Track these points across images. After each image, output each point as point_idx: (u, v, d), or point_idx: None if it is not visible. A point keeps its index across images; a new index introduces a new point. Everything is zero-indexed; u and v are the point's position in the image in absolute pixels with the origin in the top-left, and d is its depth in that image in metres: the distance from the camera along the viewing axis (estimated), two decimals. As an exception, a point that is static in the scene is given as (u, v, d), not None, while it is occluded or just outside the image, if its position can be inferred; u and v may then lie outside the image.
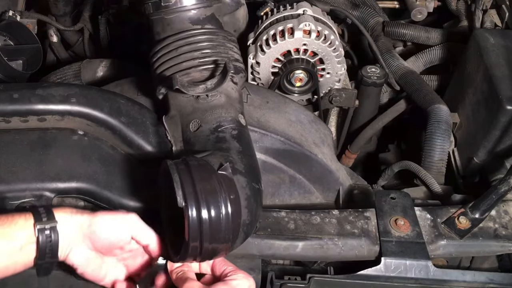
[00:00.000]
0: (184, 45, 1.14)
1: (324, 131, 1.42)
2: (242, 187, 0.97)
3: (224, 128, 1.06)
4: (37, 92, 1.12)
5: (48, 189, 1.09)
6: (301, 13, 1.50)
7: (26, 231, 0.91)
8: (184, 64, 1.13)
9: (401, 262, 1.10)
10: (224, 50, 1.16)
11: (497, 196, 1.14)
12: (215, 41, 1.16)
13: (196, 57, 1.13)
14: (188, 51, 1.14)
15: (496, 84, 1.32)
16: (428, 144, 1.44)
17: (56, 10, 1.87)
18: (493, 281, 1.14)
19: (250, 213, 0.97)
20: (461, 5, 1.83)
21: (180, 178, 0.90)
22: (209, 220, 0.90)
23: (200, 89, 1.09)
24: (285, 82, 1.53)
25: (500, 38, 1.44)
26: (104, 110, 1.14)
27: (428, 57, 1.76)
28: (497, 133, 1.33)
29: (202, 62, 1.13)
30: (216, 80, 1.10)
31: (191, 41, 1.15)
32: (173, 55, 1.14)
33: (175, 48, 1.15)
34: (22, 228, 0.90)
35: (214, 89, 1.09)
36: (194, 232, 0.90)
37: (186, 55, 1.14)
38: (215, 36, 1.17)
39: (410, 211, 1.18)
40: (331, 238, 1.14)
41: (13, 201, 1.07)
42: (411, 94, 1.63)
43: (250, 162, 1.04)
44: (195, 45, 1.14)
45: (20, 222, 0.91)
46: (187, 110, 1.11)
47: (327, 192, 1.32)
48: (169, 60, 1.14)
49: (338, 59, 1.51)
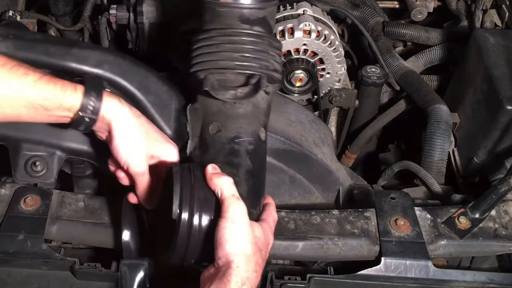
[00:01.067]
0: (227, 42, 1.11)
1: (324, 131, 1.42)
2: None
3: (241, 141, 1.05)
4: (72, 51, 1.11)
5: (61, 147, 1.13)
6: (301, 13, 1.50)
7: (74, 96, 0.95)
8: (221, 62, 1.10)
9: (401, 262, 1.10)
10: (265, 57, 1.12)
11: (497, 196, 1.14)
12: (259, 45, 1.12)
13: (234, 58, 1.10)
14: (229, 50, 1.11)
15: (496, 84, 1.32)
16: (428, 144, 1.44)
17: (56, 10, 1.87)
18: (493, 281, 1.14)
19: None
20: (461, 5, 1.83)
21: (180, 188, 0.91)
22: (199, 234, 0.91)
23: (229, 95, 1.07)
24: (285, 82, 1.53)
25: (500, 38, 1.44)
26: (133, 83, 1.14)
27: (428, 57, 1.76)
28: (497, 133, 1.33)
29: (239, 65, 1.10)
30: (247, 90, 1.07)
31: (234, 40, 1.11)
32: (213, 50, 1.11)
33: (216, 43, 1.11)
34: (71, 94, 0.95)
35: (243, 99, 1.07)
36: (182, 241, 0.91)
37: (225, 54, 1.10)
38: (260, 40, 1.13)
39: (410, 211, 1.18)
40: (331, 238, 1.14)
41: (27, 151, 1.12)
42: (411, 94, 1.63)
43: (255, 184, 1.04)
44: (237, 45, 1.11)
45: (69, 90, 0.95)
46: (212, 110, 1.09)
47: (327, 192, 1.32)
48: (208, 54, 1.11)
49: (338, 59, 1.51)
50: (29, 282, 1.10)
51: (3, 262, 1.09)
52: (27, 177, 1.14)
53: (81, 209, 1.15)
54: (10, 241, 1.08)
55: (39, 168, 1.13)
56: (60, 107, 0.94)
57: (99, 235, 1.14)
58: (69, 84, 0.95)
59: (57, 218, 1.13)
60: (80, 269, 1.09)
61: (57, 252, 1.10)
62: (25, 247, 1.07)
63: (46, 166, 1.14)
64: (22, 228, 1.09)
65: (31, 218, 1.11)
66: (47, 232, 1.10)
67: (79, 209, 1.15)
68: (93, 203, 1.16)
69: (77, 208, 1.15)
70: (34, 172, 1.13)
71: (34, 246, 1.08)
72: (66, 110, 0.95)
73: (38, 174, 1.13)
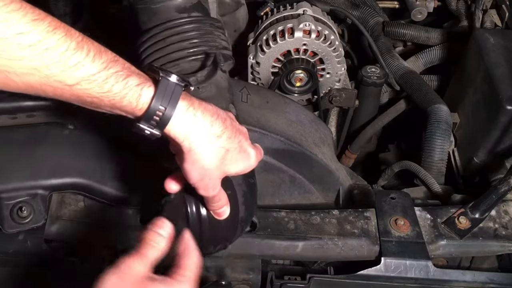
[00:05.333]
0: (171, 35, 1.11)
1: (324, 131, 1.42)
2: (238, 184, 0.96)
3: None
4: None
5: (42, 186, 1.09)
6: (301, 13, 1.50)
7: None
8: (173, 55, 1.10)
9: (401, 262, 1.10)
10: (212, 38, 1.13)
11: (497, 196, 1.14)
12: (202, 29, 1.13)
13: (184, 47, 1.10)
14: (176, 42, 1.11)
15: (496, 84, 1.32)
16: (428, 144, 1.44)
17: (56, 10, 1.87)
18: (493, 281, 1.14)
19: (247, 209, 0.97)
20: (461, 5, 1.83)
21: None
22: (209, 219, 0.91)
23: (190, 82, 1.08)
24: (285, 82, 1.53)
25: (500, 38, 1.44)
26: None
27: (428, 57, 1.76)
28: (497, 133, 1.33)
29: (191, 52, 1.10)
30: (206, 71, 1.07)
31: (178, 31, 1.11)
32: (161, 46, 1.11)
33: (162, 39, 1.11)
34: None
35: (205, 81, 1.06)
36: (195, 232, 0.90)
37: (174, 46, 1.10)
38: (202, 24, 1.14)
39: (410, 211, 1.18)
40: (331, 238, 1.14)
41: (8, 201, 1.07)
42: (411, 94, 1.63)
43: None
44: (183, 35, 1.11)
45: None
46: None
47: (327, 192, 1.32)
48: (157, 51, 1.11)
49: (338, 59, 1.51)
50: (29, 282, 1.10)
51: (3, 262, 1.09)
52: (16, 225, 1.08)
53: (81, 209, 1.15)
54: (10, 241, 1.08)
55: (25, 214, 1.08)
56: (113, 106, 0.75)
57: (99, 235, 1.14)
58: (136, 77, 0.76)
59: (57, 218, 1.13)
60: (80, 269, 1.10)
61: (57, 252, 1.10)
62: (25, 247, 1.08)
63: (32, 210, 1.08)
64: (22, 228, 1.09)
65: (31, 218, 1.11)
66: (47, 232, 1.10)
67: (79, 209, 1.15)
68: (93, 203, 1.16)
69: (77, 208, 1.15)
70: (22, 219, 1.08)
71: (34, 246, 1.08)
72: (123, 112, 0.77)
73: (26, 220, 1.08)
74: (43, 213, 1.10)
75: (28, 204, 1.08)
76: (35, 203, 1.09)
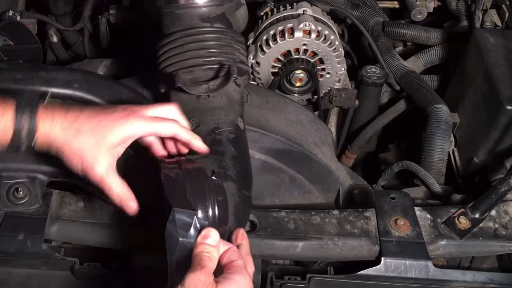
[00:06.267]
0: (191, 42, 1.14)
1: (324, 131, 1.42)
2: (232, 194, 0.97)
3: (222, 131, 1.06)
4: (40, 74, 1.11)
5: (42, 171, 1.10)
6: (301, 13, 1.50)
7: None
8: (189, 61, 1.13)
9: (401, 262, 1.10)
10: (231, 51, 1.16)
11: (497, 196, 1.14)
12: (222, 41, 1.16)
13: (201, 55, 1.13)
14: (195, 49, 1.13)
15: (496, 84, 1.32)
16: (428, 144, 1.44)
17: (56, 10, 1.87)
18: (493, 281, 1.14)
19: (237, 219, 0.97)
20: (461, 5, 1.83)
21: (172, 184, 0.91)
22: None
23: (201, 89, 1.09)
24: (285, 82, 1.53)
25: (500, 38, 1.44)
26: (105, 98, 1.13)
27: (428, 57, 1.76)
28: (497, 133, 1.33)
29: (207, 61, 1.13)
30: (218, 81, 1.09)
31: (198, 39, 1.14)
32: (179, 51, 1.14)
33: (181, 44, 1.14)
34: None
35: (216, 90, 1.08)
36: None
37: (192, 53, 1.13)
38: (223, 36, 1.16)
39: (410, 211, 1.18)
40: (331, 238, 1.14)
41: (7, 180, 1.09)
42: (411, 94, 1.63)
43: (243, 168, 1.04)
44: (202, 43, 1.14)
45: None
46: (187, 108, 1.10)
47: (327, 192, 1.32)
48: (175, 56, 1.14)
49: (338, 59, 1.51)
50: (29, 282, 1.10)
51: (3, 262, 1.10)
52: (11, 205, 1.10)
53: (81, 209, 1.15)
54: (10, 241, 1.08)
55: (21, 195, 1.10)
56: None
57: (99, 235, 1.14)
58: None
59: (57, 218, 1.13)
60: (80, 269, 1.10)
61: (57, 252, 1.10)
62: (25, 247, 1.07)
63: (29, 192, 1.10)
64: (22, 228, 1.09)
65: (31, 218, 1.11)
66: (47, 232, 1.10)
67: (79, 209, 1.15)
68: (93, 203, 1.16)
69: (77, 208, 1.15)
70: (17, 199, 1.10)
71: (34, 246, 1.08)
72: None
73: (21, 201, 1.10)
74: (39, 197, 1.11)
75: (26, 186, 1.10)
76: (32, 186, 1.10)
